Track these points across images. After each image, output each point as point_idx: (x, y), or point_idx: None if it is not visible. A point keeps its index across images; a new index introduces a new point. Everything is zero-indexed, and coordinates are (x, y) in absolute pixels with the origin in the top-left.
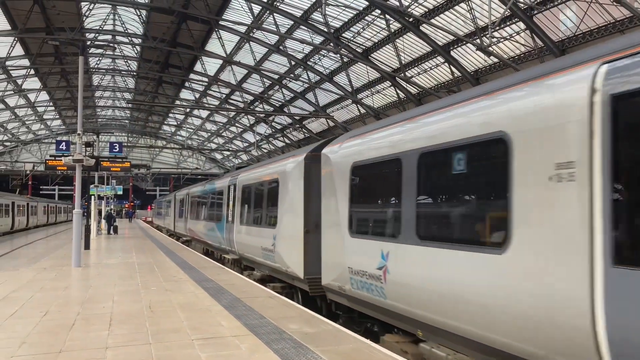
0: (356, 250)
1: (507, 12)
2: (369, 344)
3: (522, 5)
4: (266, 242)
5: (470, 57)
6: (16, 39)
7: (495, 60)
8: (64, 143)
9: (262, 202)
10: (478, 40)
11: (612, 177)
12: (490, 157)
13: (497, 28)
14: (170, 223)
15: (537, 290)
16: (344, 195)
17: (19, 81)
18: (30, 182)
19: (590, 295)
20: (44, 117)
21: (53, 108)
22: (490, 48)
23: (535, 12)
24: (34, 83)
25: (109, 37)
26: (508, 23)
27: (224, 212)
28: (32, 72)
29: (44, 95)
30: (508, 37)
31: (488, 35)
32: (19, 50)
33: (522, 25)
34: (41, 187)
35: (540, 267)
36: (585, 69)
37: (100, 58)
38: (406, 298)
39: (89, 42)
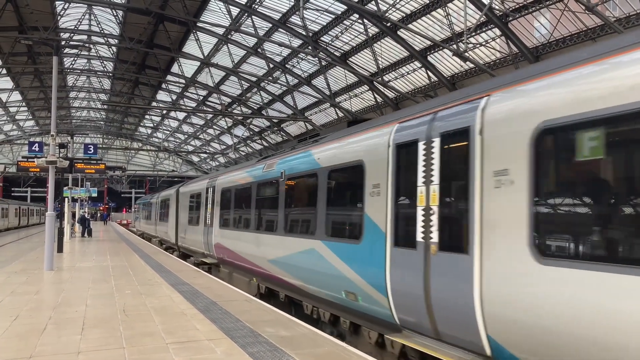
0: None
1: (482, 19)
2: (344, 346)
3: (497, 11)
4: None
5: (447, 63)
6: None
7: (471, 65)
8: (37, 144)
9: None
10: (454, 46)
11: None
12: None
13: (473, 34)
14: (169, 232)
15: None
16: None
17: None
18: (1, 184)
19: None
20: (16, 117)
21: (26, 108)
22: (466, 53)
23: (511, 18)
24: (5, 83)
25: (84, 37)
26: (484, 29)
27: (386, 218)
28: (4, 71)
29: (16, 96)
30: (484, 43)
31: (464, 41)
32: None
33: (497, 31)
34: (13, 189)
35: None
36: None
37: (75, 58)
38: None
39: (63, 42)
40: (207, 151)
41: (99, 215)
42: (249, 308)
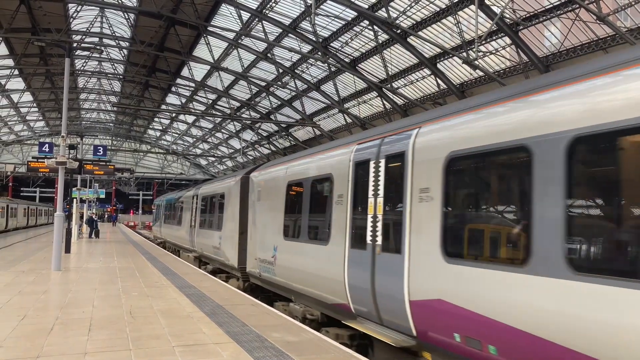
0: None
1: (493, 27)
2: (351, 353)
3: (508, 20)
4: None
5: (456, 70)
6: (0, 38)
7: (481, 73)
8: (47, 145)
9: None
10: (464, 54)
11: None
12: None
13: (483, 42)
14: (225, 248)
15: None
16: None
17: (2, 81)
18: (10, 184)
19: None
20: (27, 118)
21: (36, 109)
22: (476, 62)
23: (521, 27)
24: (17, 83)
25: (96, 39)
26: (494, 37)
27: None
28: (16, 72)
29: (27, 96)
30: (494, 52)
31: (474, 49)
32: (3, 49)
33: (507, 40)
34: (22, 189)
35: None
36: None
37: (87, 60)
38: None
39: (75, 44)
40: (215, 155)
41: (106, 216)
42: (255, 312)
